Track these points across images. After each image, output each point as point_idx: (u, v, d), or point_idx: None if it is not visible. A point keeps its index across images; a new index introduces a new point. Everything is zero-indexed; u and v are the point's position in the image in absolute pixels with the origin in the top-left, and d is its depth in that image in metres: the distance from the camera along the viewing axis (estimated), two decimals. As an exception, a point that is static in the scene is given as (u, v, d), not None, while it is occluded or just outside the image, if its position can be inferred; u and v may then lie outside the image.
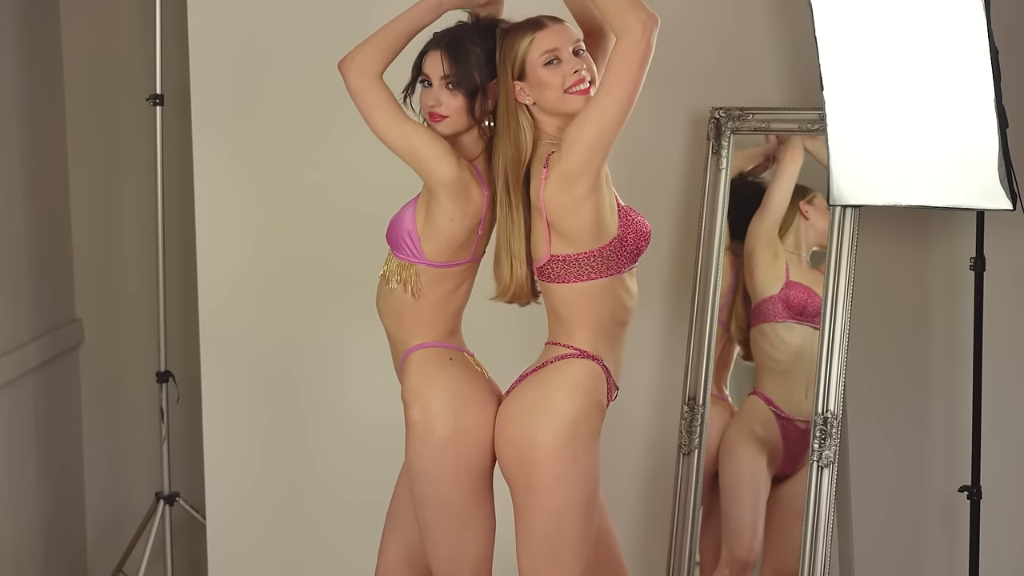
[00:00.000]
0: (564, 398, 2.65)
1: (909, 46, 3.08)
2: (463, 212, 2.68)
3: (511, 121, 2.68)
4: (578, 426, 2.64)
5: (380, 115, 2.68)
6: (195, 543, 4.11)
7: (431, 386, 2.70)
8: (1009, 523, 3.62)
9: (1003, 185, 3.05)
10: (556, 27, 2.68)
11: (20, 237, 3.84)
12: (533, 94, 2.68)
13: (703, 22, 3.60)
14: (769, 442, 3.46)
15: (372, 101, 2.68)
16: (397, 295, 2.73)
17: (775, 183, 3.49)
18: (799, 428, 3.43)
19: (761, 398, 3.48)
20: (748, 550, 3.45)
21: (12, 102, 3.80)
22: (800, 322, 3.44)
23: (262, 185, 3.68)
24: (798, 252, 3.49)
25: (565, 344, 2.71)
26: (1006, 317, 3.56)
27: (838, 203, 3.28)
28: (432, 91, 2.70)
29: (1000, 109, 3.01)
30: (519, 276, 2.72)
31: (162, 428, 3.98)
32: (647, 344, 3.68)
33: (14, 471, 3.82)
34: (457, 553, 2.73)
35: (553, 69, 2.66)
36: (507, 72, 2.67)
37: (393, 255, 2.75)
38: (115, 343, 4.24)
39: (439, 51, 2.69)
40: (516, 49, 2.66)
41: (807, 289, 3.44)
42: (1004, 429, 3.58)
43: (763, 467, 3.46)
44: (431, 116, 2.71)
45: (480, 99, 2.68)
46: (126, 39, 4.11)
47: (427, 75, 2.71)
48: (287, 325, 3.71)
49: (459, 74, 2.67)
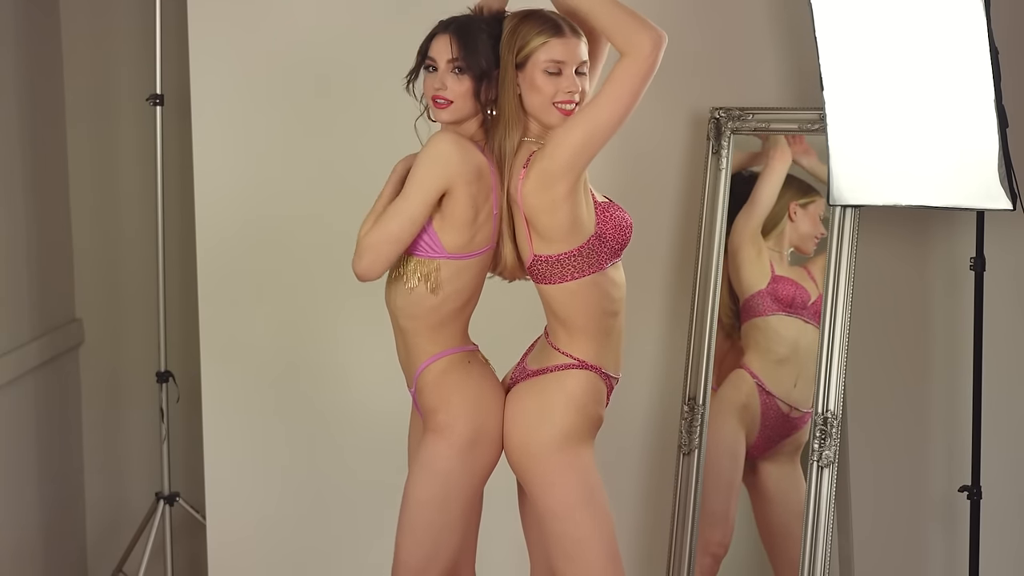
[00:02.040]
0: (558, 411, 2.71)
1: (909, 46, 3.08)
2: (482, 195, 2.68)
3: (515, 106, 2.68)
4: (568, 437, 2.70)
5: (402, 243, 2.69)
6: (195, 543, 4.11)
7: (456, 392, 2.73)
8: (1009, 523, 3.62)
9: (1003, 185, 3.06)
10: (572, 41, 2.67)
11: (20, 237, 3.84)
12: (523, 89, 2.68)
13: (703, 22, 3.60)
14: (749, 410, 3.46)
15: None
16: (417, 294, 2.72)
17: (762, 181, 3.49)
18: (779, 410, 3.44)
19: (747, 371, 3.49)
20: (719, 544, 3.48)
21: (12, 102, 3.79)
22: (790, 315, 3.45)
23: (262, 185, 3.68)
24: (779, 250, 3.49)
25: (565, 352, 2.74)
26: (1006, 317, 3.56)
27: (838, 203, 3.28)
28: (438, 75, 2.69)
29: (1000, 109, 3.01)
30: (511, 258, 2.75)
31: (162, 428, 3.97)
32: (647, 344, 3.68)
33: (14, 471, 3.81)
34: (435, 554, 2.75)
35: (551, 79, 2.66)
36: (510, 59, 2.67)
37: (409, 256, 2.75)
38: (115, 343, 4.23)
39: (447, 35, 2.68)
40: (527, 42, 2.66)
41: (794, 283, 3.45)
42: (1004, 429, 3.58)
43: (741, 447, 3.48)
44: (435, 102, 2.70)
45: (486, 84, 2.68)
46: (126, 39, 4.11)
47: (433, 59, 2.69)
48: (287, 325, 3.71)
49: (467, 58, 2.66)
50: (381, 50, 3.48)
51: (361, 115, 3.61)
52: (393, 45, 2.94)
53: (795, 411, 3.40)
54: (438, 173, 2.64)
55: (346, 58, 3.60)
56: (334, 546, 3.75)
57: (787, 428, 3.42)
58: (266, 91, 3.64)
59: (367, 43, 3.59)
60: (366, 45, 3.59)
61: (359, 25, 3.62)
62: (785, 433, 3.42)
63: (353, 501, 3.72)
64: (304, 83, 3.63)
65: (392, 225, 2.65)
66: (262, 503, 3.75)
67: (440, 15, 2.73)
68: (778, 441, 3.43)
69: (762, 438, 3.46)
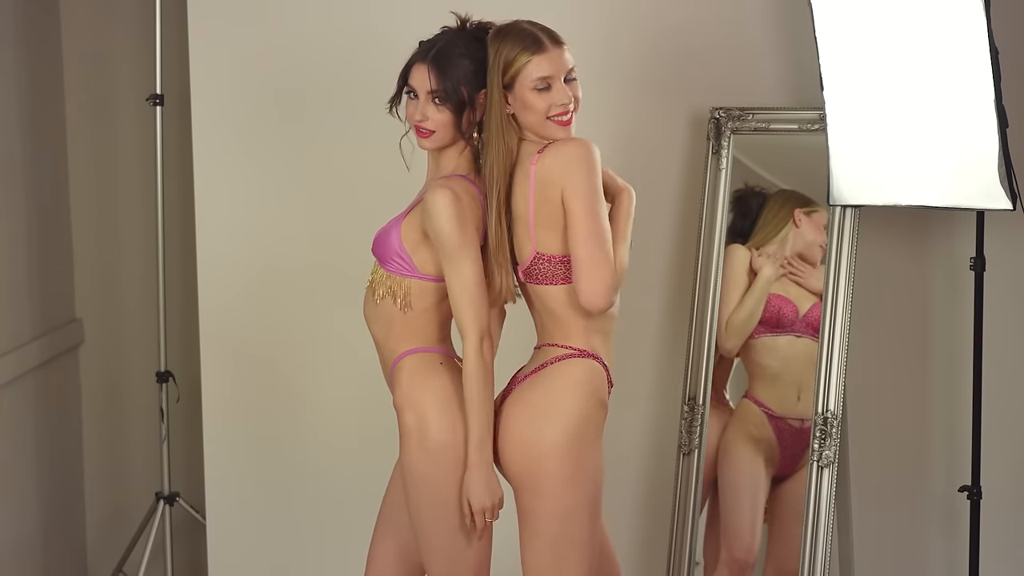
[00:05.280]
0: (569, 398, 2.65)
1: (909, 46, 3.08)
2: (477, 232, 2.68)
3: (503, 129, 2.65)
4: (585, 426, 2.64)
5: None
6: (195, 543, 4.11)
7: (423, 391, 2.68)
8: (1009, 523, 3.62)
9: (1003, 185, 3.05)
10: (555, 52, 2.64)
11: (20, 237, 3.84)
12: (515, 109, 2.66)
13: (703, 22, 3.60)
14: (765, 442, 3.46)
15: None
16: (385, 305, 2.72)
17: (748, 296, 3.50)
18: (793, 427, 3.43)
19: (752, 401, 3.49)
20: (747, 551, 3.44)
21: (12, 102, 3.79)
22: (778, 334, 3.44)
23: (262, 185, 3.68)
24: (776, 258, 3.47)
25: (562, 344, 2.70)
26: (1006, 317, 3.56)
27: (838, 203, 3.28)
28: (419, 105, 2.67)
29: (1000, 109, 3.01)
30: (508, 285, 2.71)
31: (162, 428, 3.97)
32: (647, 344, 3.68)
33: (14, 471, 3.81)
34: (456, 557, 2.71)
35: (542, 95, 2.63)
36: (496, 80, 2.64)
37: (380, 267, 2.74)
38: (115, 343, 4.23)
39: (425, 64, 2.65)
40: (510, 62, 2.63)
41: (779, 297, 3.43)
42: (1004, 429, 3.58)
43: (760, 468, 3.46)
44: (417, 131, 2.69)
45: (468, 114, 2.66)
46: (126, 39, 4.11)
47: (413, 87, 2.68)
48: (287, 325, 3.71)
49: (446, 90, 2.64)
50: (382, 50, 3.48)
51: (361, 115, 3.60)
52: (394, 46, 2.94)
53: (806, 423, 3.38)
54: (467, 222, 2.63)
55: (346, 58, 3.60)
56: (334, 546, 3.75)
57: (806, 439, 3.39)
58: (266, 91, 3.64)
59: (367, 43, 3.59)
60: (366, 45, 3.59)
61: (359, 25, 3.62)
62: (806, 444, 3.40)
63: (353, 501, 3.72)
64: (304, 83, 3.63)
65: (471, 294, 2.63)
66: (262, 503, 3.75)
67: (441, 18, 2.72)
68: (802, 455, 3.41)
69: (785, 459, 3.45)
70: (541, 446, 2.63)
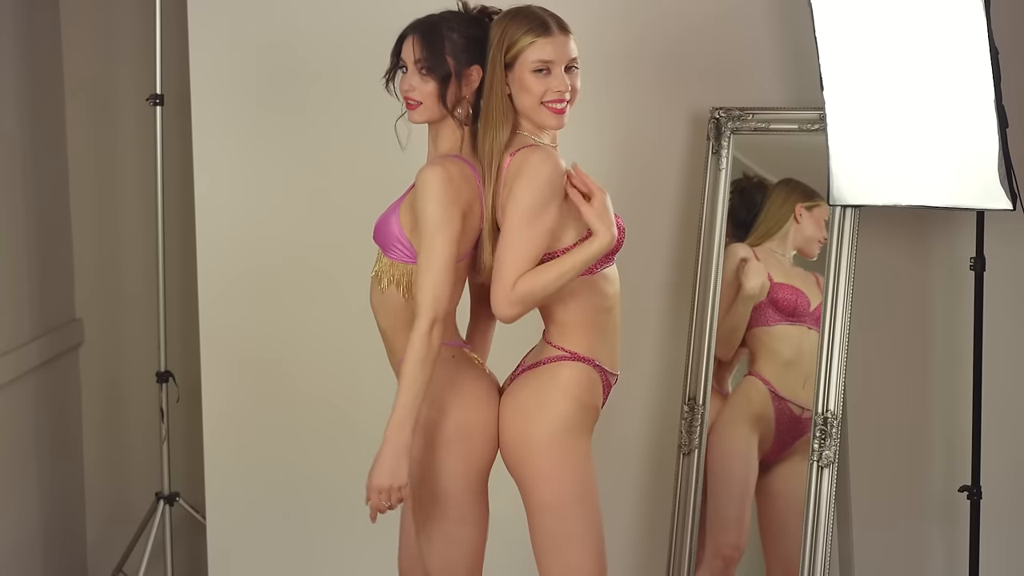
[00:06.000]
0: (554, 401, 2.70)
1: (909, 46, 3.08)
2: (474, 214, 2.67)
3: (503, 108, 2.67)
4: (567, 427, 2.69)
5: None
6: (195, 543, 4.11)
7: (435, 386, 2.69)
8: (1009, 523, 3.62)
9: (1003, 185, 3.06)
10: (560, 39, 2.66)
11: (20, 237, 3.84)
12: (512, 89, 2.67)
13: (703, 22, 3.60)
14: (763, 420, 3.46)
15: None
16: (391, 294, 2.73)
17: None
18: (793, 413, 3.43)
19: (758, 378, 3.49)
20: (733, 548, 3.47)
21: (12, 102, 3.79)
22: (792, 323, 3.44)
23: (262, 185, 3.68)
24: (783, 252, 3.49)
25: (559, 346, 2.74)
26: (1006, 317, 3.56)
27: (838, 203, 3.28)
28: (407, 76, 2.70)
29: (1000, 109, 3.01)
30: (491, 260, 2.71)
31: (162, 428, 3.97)
32: (647, 344, 3.68)
33: (14, 471, 3.81)
34: (452, 548, 2.74)
35: (540, 78, 2.65)
36: (498, 59, 2.66)
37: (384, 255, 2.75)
38: (115, 343, 4.23)
39: (413, 36, 2.70)
40: (515, 42, 2.65)
41: (794, 289, 3.45)
42: (1004, 429, 3.58)
43: (754, 453, 3.47)
44: (407, 102, 2.71)
45: (453, 86, 2.67)
46: (126, 39, 4.11)
47: (404, 60, 2.72)
48: (287, 325, 3.71)
49: (430, 59, 2.66)
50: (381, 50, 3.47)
51: (362, 115, 3.61)
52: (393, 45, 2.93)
53: (806, 412, 3.39)
54: (452, 204, 2.62)
55: (346, 58, 3.60)
56: (334, 546, 3.75)
57: (799, 430, 3.41)
58: (266, 91, 3.64)
59: (367, 43, 3.58)
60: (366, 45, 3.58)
61: (359, 25, 3.62)
62: (798, 434, 3.42)
63: (353, 501, 3.71)
64: (304, 83, 3.63)
65: (435, 276, 2.60)
66: (262, 503, 3.75)
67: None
68: (791, 443, 3.43)
69: (777, 443, 3.46)
70: (527, 445, 2.69)
